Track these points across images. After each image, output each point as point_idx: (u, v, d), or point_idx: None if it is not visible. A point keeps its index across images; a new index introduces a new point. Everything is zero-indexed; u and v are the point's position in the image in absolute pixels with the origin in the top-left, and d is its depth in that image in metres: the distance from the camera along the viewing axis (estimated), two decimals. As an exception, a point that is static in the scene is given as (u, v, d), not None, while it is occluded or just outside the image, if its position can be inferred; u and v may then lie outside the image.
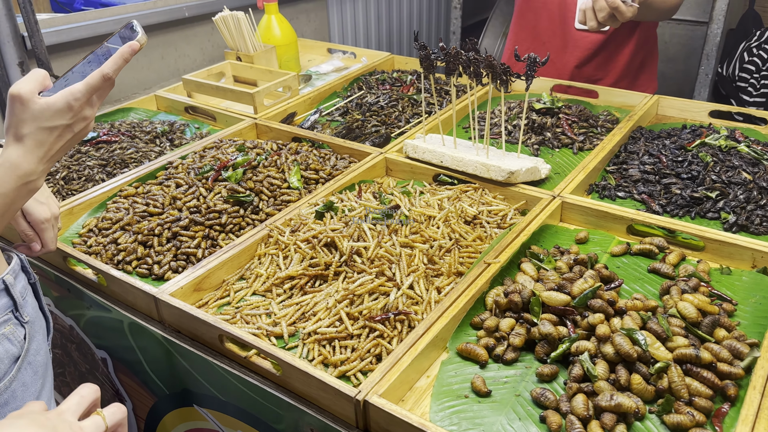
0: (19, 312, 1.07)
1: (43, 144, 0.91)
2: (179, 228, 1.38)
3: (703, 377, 0.96)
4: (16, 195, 0.91)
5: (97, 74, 0.93)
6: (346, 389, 0.95)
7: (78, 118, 0.93)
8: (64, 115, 0.91)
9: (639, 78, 2.14)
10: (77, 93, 0.91)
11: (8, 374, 1.03)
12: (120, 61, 0.95)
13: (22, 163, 0.90)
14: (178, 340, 1.17)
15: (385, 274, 1.18)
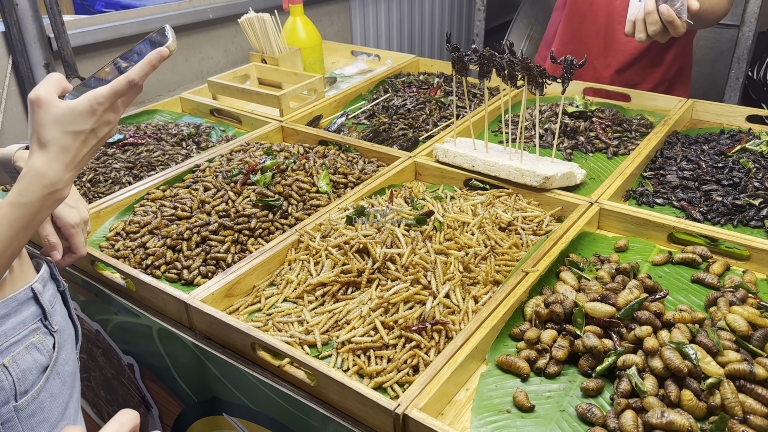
0: (48, 321, 1.06)
1: (68, 150, 0.87)
2: (208, 232, 1.36)
3: (758, 394, 0.92)
4: (42, 205, 0.87)
5: (123, 79, 0.89)
6: (385, 402, 0.92)
7: (101, 122, 0.89)
8: (88, 118, 0.87)
9: (675, 85, 2.10)
10: (101, 97, 0.87)
11: (36, 385, 1.02)
12: (147, 67, 0.90)
13: (48, 171, 0.86)
14: (209, 347, 1.15)
15: (421, 282, 1.15)
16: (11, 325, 0.99)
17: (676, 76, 2.08)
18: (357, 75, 2.40)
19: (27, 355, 1.01)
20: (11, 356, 0.98)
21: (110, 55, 2.30)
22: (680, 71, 2.09)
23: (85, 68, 2.19)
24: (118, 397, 1.53)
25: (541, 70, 1.41)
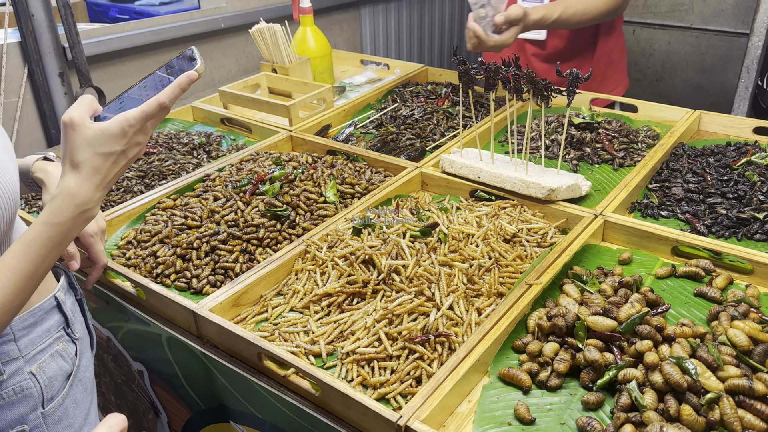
0: (71, 328, 1.10)
1: (99, 171, 0.89)
2: (217, 242, 1.39)
3: (757, 410, 0.93)
4: (73, 224, 0.89)
5: (154, 102, 0.91)
6: (388, 414, 0.94)
7: (132, 143, 0.91)
8: (119, 140, 0.89)
9: (606, 80, 2.23)
10: (132, 120, 0.89)
11: (61, 391, 1.05)
12: (177, 90, 0.92)
13: (80, 191, 0.88)
14: (217, 356, 1.17)
15: (425, 293, 1.17)
16: (38, 334, 1.02)
17: (606, 69, 2.21)
18: (366, 84, 2.42)
19: (53, 363, 1.04)
20: (38, 364, 1.01)
21: (123, 65, 2.34)
22: (609, 64, 2.21)
23: (98, 77, 2.23)
24: (127, 403, 1.55)
25: (546, 84, 1.43)
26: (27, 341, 1.00)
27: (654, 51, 3.83)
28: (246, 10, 2.64)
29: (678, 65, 3.78)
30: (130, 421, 1.56)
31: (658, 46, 3.81)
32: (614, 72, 2.25)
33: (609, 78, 2.23)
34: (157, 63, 2.46)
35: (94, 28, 2.21)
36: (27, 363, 1.00)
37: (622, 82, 2.29)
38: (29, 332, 1.01)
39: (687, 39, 3.69)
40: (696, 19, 3.61)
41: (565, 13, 1.93)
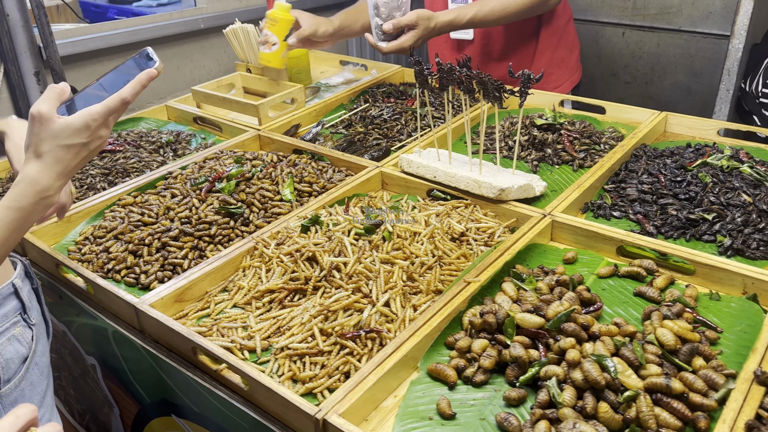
0: (27, 314, 1.15)
1: (61, 161, 0.94)
2: (169, 238, 1.40)
3: (673, 408, 0.93)
4: (34, 209, 0.94)
5: (116, 98, 0.97)
6: (307, 407, 0.95)
7: (95, 137, 0.97)
8: (82, 133, 0.95)
9: (553, 75, 2.27)
10: (95, 114, 0.95)
11: (18, 374, 1.09)
12: (138, 86, 0.99)
13: (41, 179, 0.93)
14: (156, 350, 1.19)
15: (362, 290, 1.18)
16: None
17: (550, 66, 2.25)
18: (342, 84, 2.43)
19: (9, 346, 1.09)
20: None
21: (101, 65, 2.37)
22: (554, 61, 2.25)
23: (73, 76, 2.26)
24: (85, 396, 1.57)
25: (498, 84, 1.43)
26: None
27: (643, 53, 3.82)
28: (226, 11, 2.67)
29: (667, 68, 3.76)
30: (87, 415, 1.58)
31: (648, 48, 3.79)
32: (560, 69, 2.27)
33: (554, 74, 2.26)
34: (135, 63, 2.49)
35: (71, 28, 2.24)
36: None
37: (569, 78, 2.32)
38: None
39: (676, 41, 3.67)
40: (685, 21, 3.60)
41: (481, 11, 1.94)
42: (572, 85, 2.32)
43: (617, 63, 3.85)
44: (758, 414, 0.90)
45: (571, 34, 2.27)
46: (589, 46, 3.77)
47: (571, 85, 2.32)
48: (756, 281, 1.18)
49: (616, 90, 3.84)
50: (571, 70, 2.31)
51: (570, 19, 2.25)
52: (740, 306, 1.17)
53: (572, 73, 2.32)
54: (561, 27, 2.21)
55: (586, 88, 3.84)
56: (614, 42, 3.82)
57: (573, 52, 2.31)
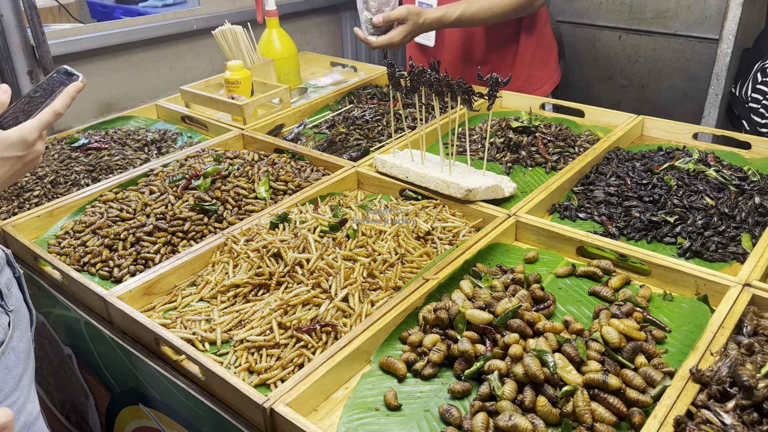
0: (4, 301, 1.17)
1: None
2: (143, 233, 1.45)
3: (609, 403, 0.96)
4: None
5: (49, 111, 1.02)
6: (256, 396, 0.99)
7: (30, 151, 1.01)
8: (17, 147, 0.99)
9: (533, 77, 2.30)
10: (30, 128, 1.00)
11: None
12: (68, 99, 1.06)
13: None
14: (124, 341, 1.23)
15: (321, 285, 1.21)
16: None
17: (531, 68, 2.27)
18: (330, 86, 2.47)
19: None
20: None
21: (95, 64, 2.43)
22: (534, 63, 2.27)
23: (67, 75, 2.31)
24: (64, 386, 1.62)
25: (467, 87, 1.47)
26: None
27: (640, 57, 3.83)
28: (219, 12, 2.72)
29: (663, 72, 3.77)
30: (67, 405, 1.63)
31: (644, 52, 3.80)
32: (541, 70, 2.30)
33: (535, 76, 2.29)
34: (128, 63, 2.54)
35: (65, 28, 2.30)
36: None
37: (550, 78, 2.35)
38: None
39: (672, 46, 3.68)
40: (680, 25, 3.60)
41: (468, 10, 1.97)
42: (553, 86, 2.35)
43: (614, 66, 3.86)
44: (689, 410, 0.93)
45: (548, 36, 2.31)
46: (585, 50, 3.79)
47: (552, 86, 2.35)
48: (708, 282, 1.20)
49: (612, 94, 3.85)
50: (551, 71, 2.35)
51: (547, 21, 2.29)
52: (691, 307, 1.19)
53: (552, 73, 2.36)
54: (540, 29, 2.24)
55: (582, 92, 3.87)
56: (611, 46, 3.83)
57: (552, 53, 2.35)
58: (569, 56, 3.75)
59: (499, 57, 2.24)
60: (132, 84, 2.59)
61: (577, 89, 3.88)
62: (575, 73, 3.85)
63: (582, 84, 3.89)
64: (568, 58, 3.70)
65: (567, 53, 3.68)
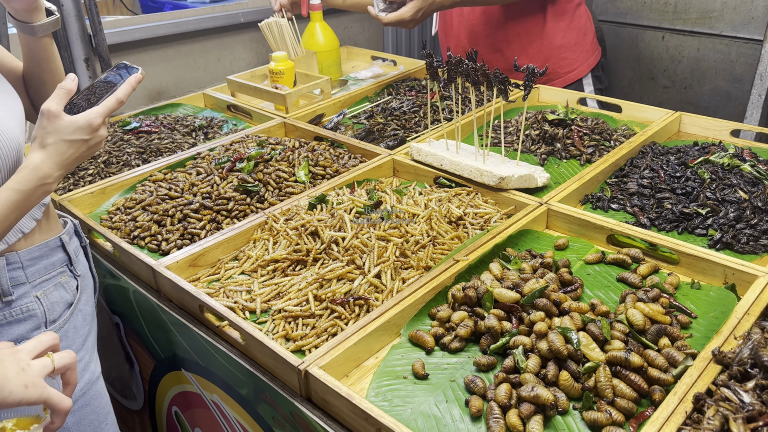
0: (73, 266, 1.29)
1: (62, 153, 1.05)
2: (190, 211, 1.53)
3: (630, 380, 0.99)
4: (33, 193, 1.04)
5: (113, 99, 1.10)
6: (292, 359, 1.05)
7: (95, 135, 1.09)
8: (84, 131, 1.07)
9: (563, 61, 2.30)
10: (96, 114, 1.08)
11: (63, 316, 1.25)
12: (130, 88, 1.13)
13: (43, 167, 1.04)
14: (169, 308, 1.31)
15: (356, 262, 1.27)
16: (43, 266, 1.22)
17: (562, 51, 2.27)
18: (370, 78, 2.53)
19: (55, 291, 1.24)
20: (43, 290, 1.21)
21: (146, 53, 2.54)
22: (565, 46, 2.26)
23: (121, 64, 2.42)
24: (110, 355, 1.71)
25: (503, 77, 1.50)
26: (33, 270, 1.20)
27: (683, 58, 3.78)
28: (266, 6, 2.80)
29: (707, 73, 3.72)
30: (113, 373, 1.72)
31: (688, 53, 3.76)
32: (573, 52, 2.30)
33: (567, 59, 2.29)
34: (177, 54, 2.65)
35: (120, 19, 2.42)
36: (33, 288, 1.20)
37: (586, 60, 2.33)
38: (36, 263, 1.20)
39: (717, 46, 3.63)
40: (726, 26, 3.55)
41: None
42: (590, 67, 2.35)
43: (656, 67, 3.83)
44: (709, 389, 0.95)
45: (582, 18, 2.30)
46: (627, 50, 3.77)
47: (589, 67, 2.34)
48: (736, 272, 1.22)
49: (654, 94, 3.82)
50: (586, 53, 2.33)
51: (581, 3, 2.29)
52: (718, 295, 1.21)
53: (588, 55, 2.34)
54: (570, 11, 2.24)
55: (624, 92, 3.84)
56: (653, 46, 3.80)
57: (587, 35, 2.33)
58: (611, 56, 3.73)
59: (522, 39, 2.24)
60: (181, 73, 2.70)
61: (618, 89, 3.86)
62: (617, 73, 3.82)
63: (623, 84, 3.86)
64: (609, 57, 3.68)
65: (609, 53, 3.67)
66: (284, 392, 1.08)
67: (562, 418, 0.98)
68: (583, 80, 2.34)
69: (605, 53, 3.48)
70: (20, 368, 0.82)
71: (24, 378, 0.81)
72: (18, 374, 0.81)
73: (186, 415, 1.47)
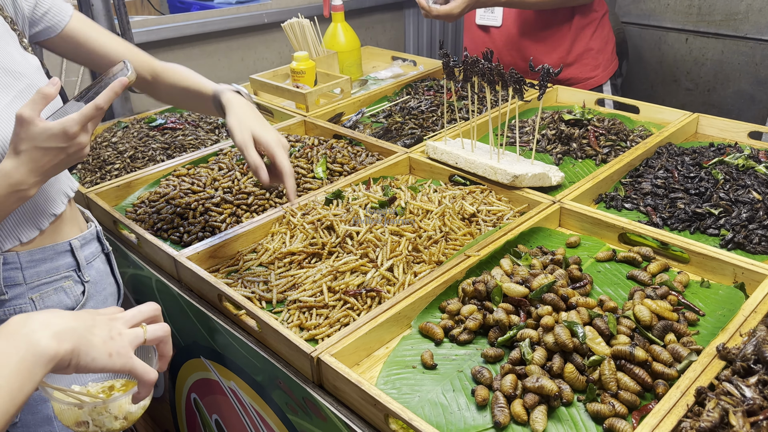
0: (81, 272, 1.28)
1: (36, 161, 1.01)
2: (211, 204, 1.58)
3: (634, 373, 1.01)
4: (6, 200, 1.02)
5: (91, 106, 1.02)
6: (305, 347, 1.09)
7: (73, 143, 1.02)
8: (59, 139, 1.00)
9: (585, 67, 2.33)
10: (72, 121, 1.01)
11: None
12: (111, 93, 1.04)
13: (14, 173, 1.00)
14: (189, 297, 1.36)
15: (369, 255, 1.31)
16: (44, 269, 1.22)
17: (587, 56, 2.31)
18: (390, 78, 2.57)
19: (54, 295, 1.24)
20: (40, 293, 1.22)
21: (172, 52, 2.61)
22: (587, 52, 2.30)
23: (148, 62, 2.49)
24: (134, 343, 1.77)
25: (518, 77, 1.53)
26: (33, 272, 1.20)
27: (707, 60, 3.76)
28: (289, 7, 2.86)
29: (731, 75, 3.69)
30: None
31: (711, 55, 3.73)
32: (595, 59, 2.33)
33: (588, 65, 2.33)
34: (202, 53, 2.71)
35: (148, 19, 2.49)
36: (30, 290, 1.20)
37: (607, 67, 2.37)
38: (36, 265, 1.20)
39: (741, 49, 3.59)
40: (751, 28, 3.52)
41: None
42: (609, 74, 2.39)
43: (679, 69, 3.81)
44: (711, 383, 0.97)
45: (606, 28, 2.34)
46: (650, 52, 3.75)
47: (608, 75, 2.38)
48: (746, 271, 1.23)
49: (677, 96, 3.79)
50: (606, 61, 2.37)
51: (606, 14, 2.33)
52: (727, 293, 1.22)
53: (608, 63, 2.38)
54: (596, 20, 2.28)
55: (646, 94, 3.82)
56: (677, 48, 3.77)
57: (608, 44, 2.38)
58: (633, 58, 3.71)
59: (548, 45, 2.29)
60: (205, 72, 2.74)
61: (640, 91, 3.84)
62: (639, 74, 3.81)
63: (645, 86, 3.84)
64: (632, 59, 3.67)
65: (631, 55, 3.65)
66: (297, 379, 1.12)
67: (567, 409, 1.00)
68: (603, 87, 2.37)
69: (627, 55, 3.48)
70: (109, 336, 0.82)
71: (109, 346, 0.81)
72: (104, 342, 0.80)
73: (204, 402, 1.52)
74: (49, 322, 0.78)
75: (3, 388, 0.71)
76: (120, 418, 0.90)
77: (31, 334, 0.76)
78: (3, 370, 0.72)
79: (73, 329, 0.79)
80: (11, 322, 0.77)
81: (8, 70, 1.13)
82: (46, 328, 0.77)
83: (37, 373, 0.75)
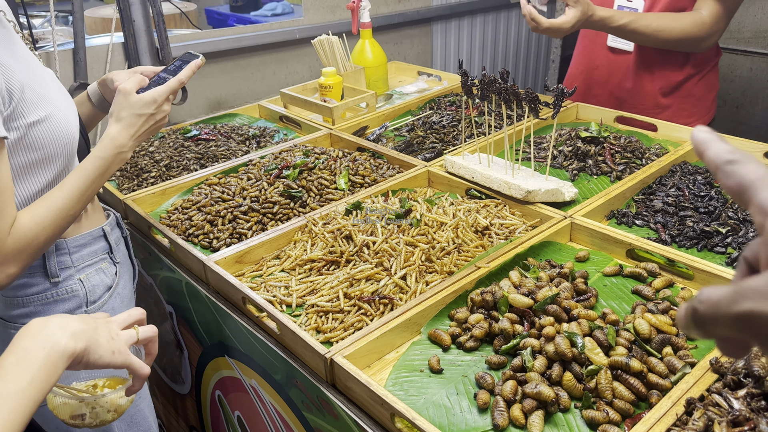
0: (113, 254, 1.47)
1: (133, 125, 1.33)
2: (239, 213, 1.67)
3: (630, 383, 1.06)
4: (113, 160, 1.30)
5: (176, 80, 1.41)
6: (320, 348, 1.16)
7: (159, 110, 1.36)
8: (150, 106, 1.34)
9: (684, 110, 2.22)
10: (160, 92, 1.36)
11: (102, 298, 1.41)
12: (190, 72, 1.43)
13: (119, 137, 1.30)
14: (216, 299, 1.45)
15: (383, 264, 1.38)
16: (87, 252, 1.40)
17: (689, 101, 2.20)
18: (415, 93, 2.65)
19: (96, 276, 1.41)
20: (85, 274, 1.39)
21: (207, 66, 2.73)
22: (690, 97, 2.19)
23: (184, 75, 2.62)
24: (163, 343, 1.88)
25: (533, 96, 1.59)
26: (78, 256, 1.38)
27: (735, 77, 3.75)
28: (320, 23, 2.96)
29: (760, 93, 3.68)
30: (164, 359, 1.88)
31: (740, 72, 3.72)
32: (694, 106, 2.23)
33: (686, 110, 2.21)
34: (236, 67, 2.84)
35: (185, 33, 2.61)
36: (77, 272, 1.38)
37: (703, 117, 2.25)
38: (80, 250, 1.38)
39: (771, 66, 3.58)
40: (781, 45, 3.51)
41: (635, 23, 1.91)
42: (704, 124, 2.27)
43: (709, 86, 3.77)
44: (702, 395, 1.01)
45: (712, 77, 2.22)
46: (678, 68, 3.74)
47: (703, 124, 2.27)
48: (747, 289, 1.26)
49: (705, 113, 3.76)
50: (705, 109, 2.25)
51: (716, 64, 2.20)
52: (728, 310, 1.26)
53: (705, 112, 2.27)
54: (707, 66, 2.16)
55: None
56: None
57: (711, 92, 2.24)
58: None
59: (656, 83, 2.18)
60: (239, 85, 2.88)
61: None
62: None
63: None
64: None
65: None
66: (312, 378, 1.20)
67: (563, 415, 1.06)
68: None
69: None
70: (110, 336, 0.94)
71: (112, 345, 0.93)
72: (108, 341, 0.93)
73: (228, 399, 1.61)
74: (65, 325, 0.89)
75: (35, 378, 0.82)
76: (111, 411, 1.01)
77: (52, 334, 0.87)
78: (34, 363, 0.83)
79: (84, 330, 0.91)
80: (31, 325, 0.89)
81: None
82: (64, 329, 0.88)
83: (60, 367, 0.86)
